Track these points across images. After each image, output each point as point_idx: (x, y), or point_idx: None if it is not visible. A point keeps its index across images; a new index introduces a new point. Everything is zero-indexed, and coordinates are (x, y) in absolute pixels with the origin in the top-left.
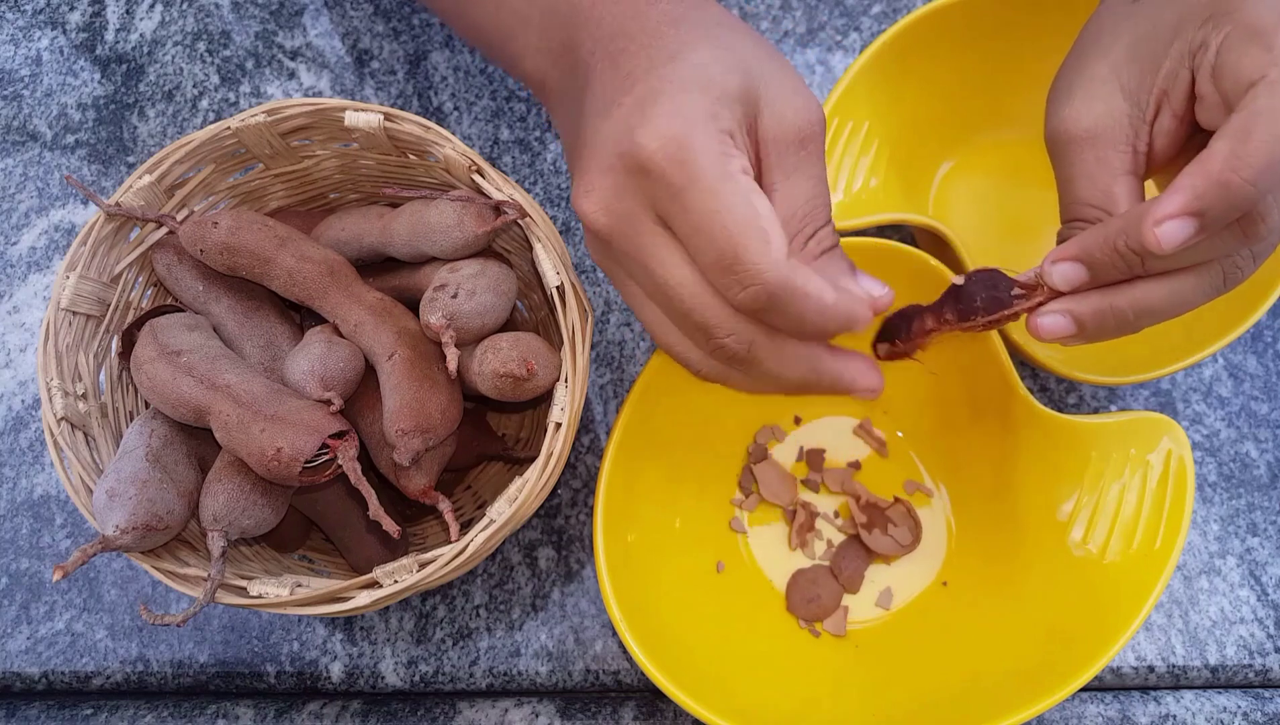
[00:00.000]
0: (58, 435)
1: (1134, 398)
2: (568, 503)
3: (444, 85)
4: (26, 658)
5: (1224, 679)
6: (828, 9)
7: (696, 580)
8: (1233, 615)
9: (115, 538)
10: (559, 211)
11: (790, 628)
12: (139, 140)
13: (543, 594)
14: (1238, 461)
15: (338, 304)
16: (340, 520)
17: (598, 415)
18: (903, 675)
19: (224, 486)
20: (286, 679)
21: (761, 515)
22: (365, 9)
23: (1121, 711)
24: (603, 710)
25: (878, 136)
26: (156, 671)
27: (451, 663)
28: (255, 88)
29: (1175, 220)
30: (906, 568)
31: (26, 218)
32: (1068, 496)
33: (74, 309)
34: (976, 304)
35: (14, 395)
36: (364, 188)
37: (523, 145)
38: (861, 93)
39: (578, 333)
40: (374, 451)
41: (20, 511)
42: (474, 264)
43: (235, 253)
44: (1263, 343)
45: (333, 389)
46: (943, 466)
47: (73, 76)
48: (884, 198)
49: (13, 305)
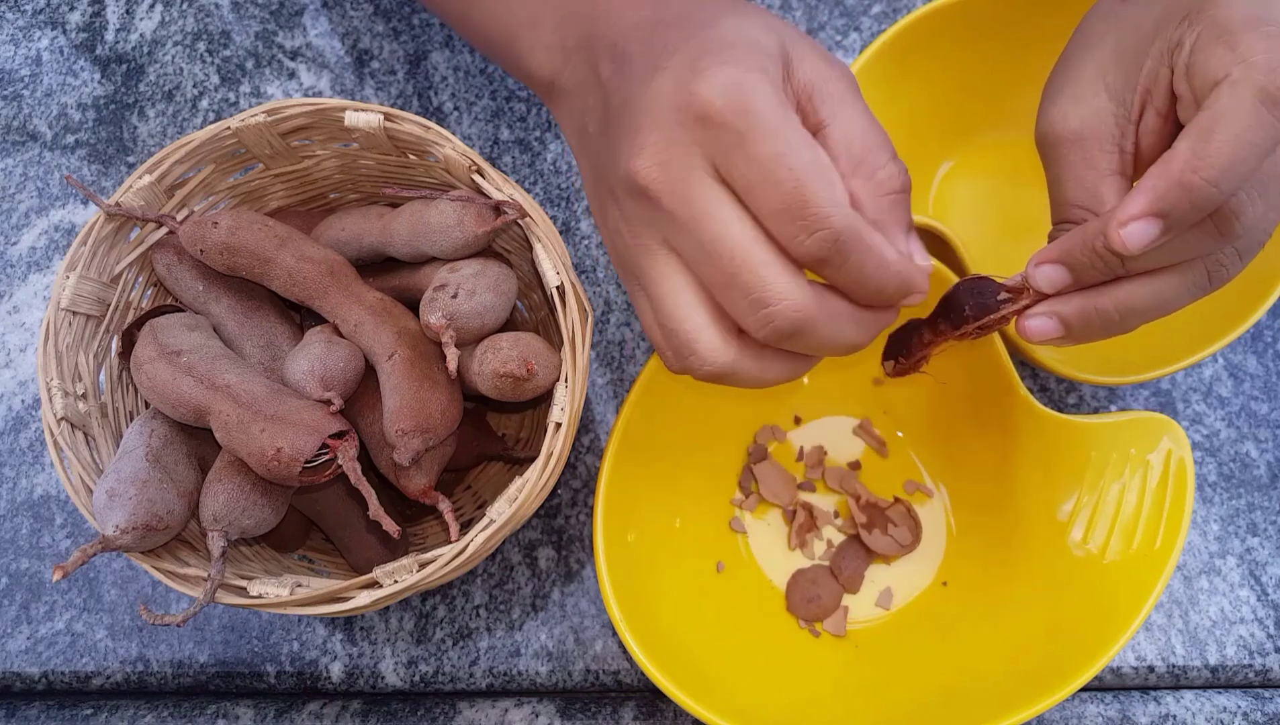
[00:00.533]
0: (58, 435)
1: (1134, 398)
2: (568, 503)
3: (444, 85)
4: (26, 658)
5: (1224, 679)
6: (828, 9)
7: (696, 580)
8: (1233, 615)
9: (115, 538)
10: (559, 211)
11: (790, 628)
12: (139, 140)
13: (543, 594)
14: (1238, 461)
15: (338, 304)
16: (340, 520)
17: (598, 415)
18: (903, 675)
19: (224, 486)
20: (286, 679)
21: (761, 515)
22: (365, 9)
23: (1121, 711)
24: (603, 710)
25: None
26: (156, 671)
27: (451, 663)
28: (255, 88)
29: (1139, 221)
30: (906, 568)
31: (26, 218)
32: (1068, 496)
33: (74, 309)
34: (965, 312)
35: (14, 395)
36: (364, 188)
37: (523, 145)
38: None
39: (578, 333)
40: (374, 451)
41: (20, 511)
42: (474, 264)
43: (235, 253)
44: (1263, 343)
45: (333, 389)
46: (943, 466)
47: (73, 76)
48: None
49: (13, 305)
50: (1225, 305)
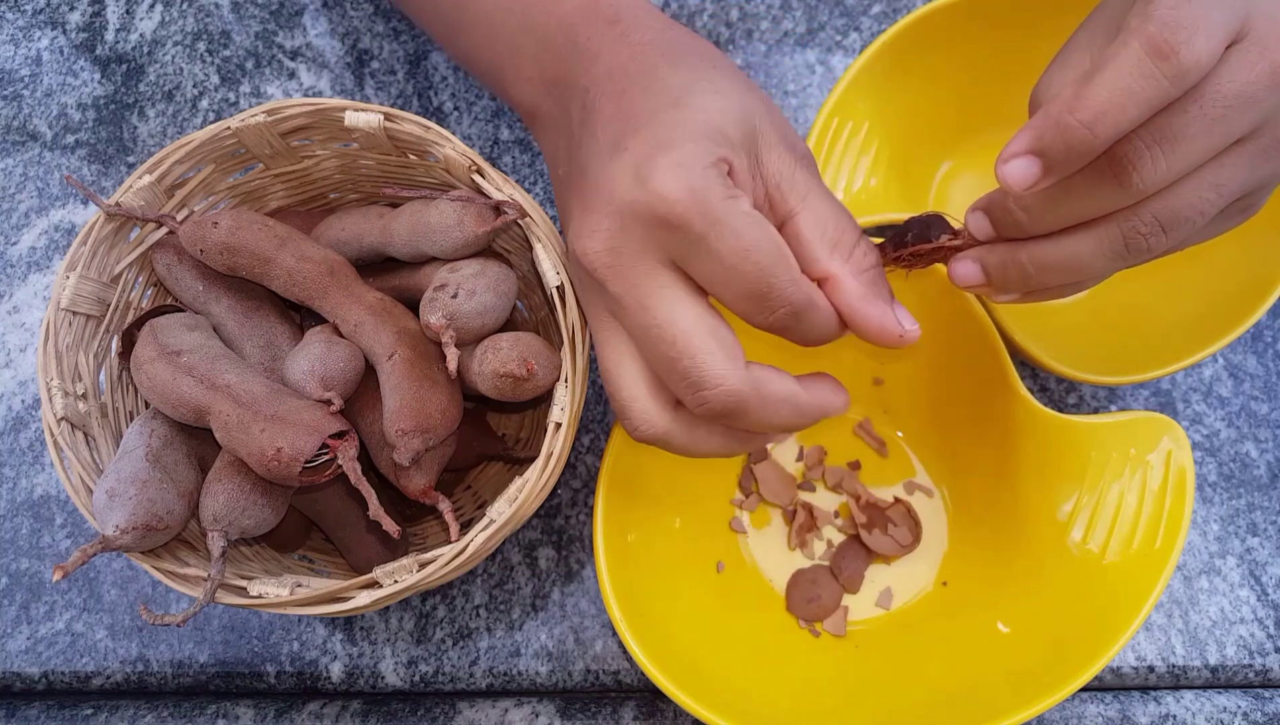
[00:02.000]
0: (58, 435)
1: (1134, 398)
2: (568, 503)
3: (444, 85)
4: (26, 658)
5: (1224, 679)
6: (828, 9)
7: (696, 580)
8: (1233, 615)
9: (115, 538)
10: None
11: (790, 628)
12: (139, 140)
13: (543, 594)
14: (1238, 461)
15: (338, 304)
16: (340, 520)
17: (598, 415)
18: (902, 675)
19: (224, 486)
20: (286, 679)
21: (761, 515)
22: (365, 9)
23: (1121, 711)
24: (603, 710)
25: (877, 137)
26: (156, 671)
27: (451, 663)
28: (255, 88)
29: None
30: (906, 568)
31: (26, 218)
32: (1067, 496)
33: (74, 309)
34: (906, 238)
35: (14, 395)
36: (364, 188)
37: (523, 145)
38: (861, 93)
39: (578, 333)
40: (374, 451)
41: (20, 511)
42: (474, 264)
43: (235, 253)
44: (1263, 342)
45: (333, 389)
46: (942, 466)
47: (73, 76)
48: (883, 197)
49: (13, 305)
50: (1225, 305)
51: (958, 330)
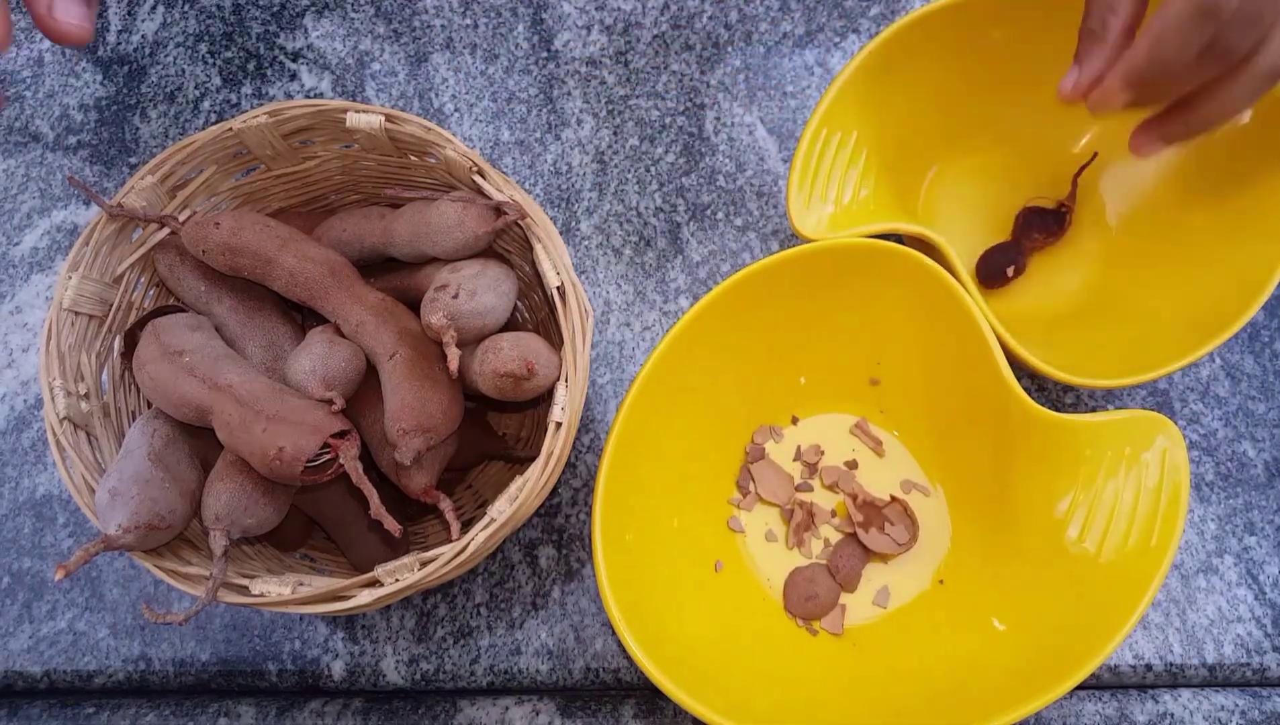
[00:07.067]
0: (60, 435)
1: (1131, 397)
2: (568, 502)
3: (445, 86)
4: (29, 656)
5: (1221, 677)
6: (826, 11)
7: (695, 579)
8: (1230, 614)
9: (117, 537)
10: (559, 212)
11: (788, 626)
12: (141, 141)
13: (543, 592)
14: (1235, 461)
15: (339, 304)
16: (342, 519)
17: (598, 415)
18: (900, 673)
19: (226, 486)
20: (288, 677)
21: (759, 514)
22: (366, 10)
23: (1119, 710)
24: (603, 708)
25: (866, 145)
26: (158, 670)
27: (452, 661)
28: (257, 89)
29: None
30: (904, 566)
31: (29, 218)
32: (1064, 495)
33: (76, 309)
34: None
35: (16, 395)
36: (365, 188)
37: (523, 146)
38: (849, 103)
39: (578, 333)
40: (375, 451)
41: (22, 511)
42: (475, 264)
43: (237, 253)
44: (1260, 342)
45: (334, 389)
46: (939, 465)
47: (75, 78)
48: (875, 206)
49: (15, 305)
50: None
51: (954, 330)
